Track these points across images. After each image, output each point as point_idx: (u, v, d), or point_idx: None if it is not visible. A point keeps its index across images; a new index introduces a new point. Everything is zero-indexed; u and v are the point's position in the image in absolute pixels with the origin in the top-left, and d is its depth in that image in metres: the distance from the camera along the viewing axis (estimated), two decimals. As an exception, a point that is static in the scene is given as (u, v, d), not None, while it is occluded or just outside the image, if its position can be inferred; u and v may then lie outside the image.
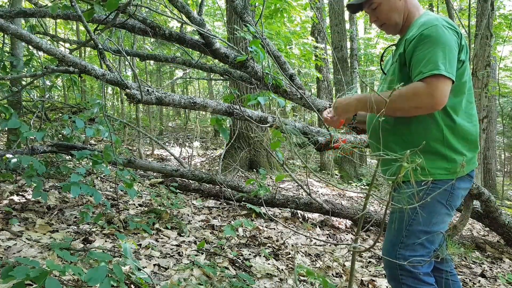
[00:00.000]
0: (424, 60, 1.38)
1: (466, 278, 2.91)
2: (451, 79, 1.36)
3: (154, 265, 2.28)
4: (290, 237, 3.28)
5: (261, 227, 3.35)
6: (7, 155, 2.95)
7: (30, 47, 3.23)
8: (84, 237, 2.46)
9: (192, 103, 2.57)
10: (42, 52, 2.59)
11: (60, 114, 6.34)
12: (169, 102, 2.46)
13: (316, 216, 3.94)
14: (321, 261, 2.87)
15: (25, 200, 2.96)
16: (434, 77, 1.35)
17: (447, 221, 1.57)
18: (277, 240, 3.13)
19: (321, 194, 5.33)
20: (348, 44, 8.81)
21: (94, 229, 2.63)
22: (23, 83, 3.62)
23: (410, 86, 1.40)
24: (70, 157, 3.67)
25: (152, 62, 10.22)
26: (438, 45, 1.38)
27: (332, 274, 2.66)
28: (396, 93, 1.40)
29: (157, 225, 2.90)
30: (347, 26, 9.01)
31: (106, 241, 2.47)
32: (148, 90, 2.39)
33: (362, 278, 2.63)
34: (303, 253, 2.98)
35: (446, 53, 1.37)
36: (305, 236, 3.31)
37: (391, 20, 1.61)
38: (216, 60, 3.48)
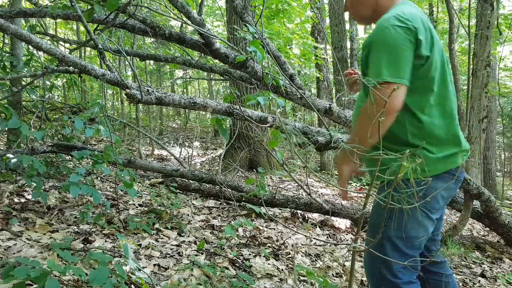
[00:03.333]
0: (371, 69, 1.35)
1: (466, 278, 2.90)
2: (398, 82, 1.29)
3: (154, 265, 2.28)
4: (290, 237, 3.28)
5: (261, 227, 3.35)
6: (7, 155, 2.95)
7: (30, 47, 3.23)
8: (84, 237, 2.46)
9: (192, 103, 2.57)
10: (42, 52, 2.59)
11: (60, 114, 6.33)
12: (169, 102, 2.47)
13: (316, 216, 3.94)
14: (321, 261, 2.87)
15: (25, 200, 2.96)
16: (379, 85, 1.28)
17: (426, 225, 1.45)
18: (277, 240, 3.13)
19: (321, 194, 5.33)
20: (348, 44, 8.81)
21: (94, 229, 2.63)
22: (23, 83, 3.62)
23: (359, 113, 1.44)
24: (70, 157, 3.68)
25: (152, 62, 10.22)
26: (382, 50, 1.33)
27: (332, 274, 2.66)
28: (357, 126, 1.43)
29: (157, 225, 2.90)
30: (347, 26, 9.02)
31: (106, 241, 2.47)
32: (148, 90, 2.39)
33: (362, 278, 2.63)
34: (303, 253, 2.98)
35: (392, 55, 1.31)
36: (305, 236, 3.31)
37: (357, 12, 1.63)
38: (216, 60, 3.48)
